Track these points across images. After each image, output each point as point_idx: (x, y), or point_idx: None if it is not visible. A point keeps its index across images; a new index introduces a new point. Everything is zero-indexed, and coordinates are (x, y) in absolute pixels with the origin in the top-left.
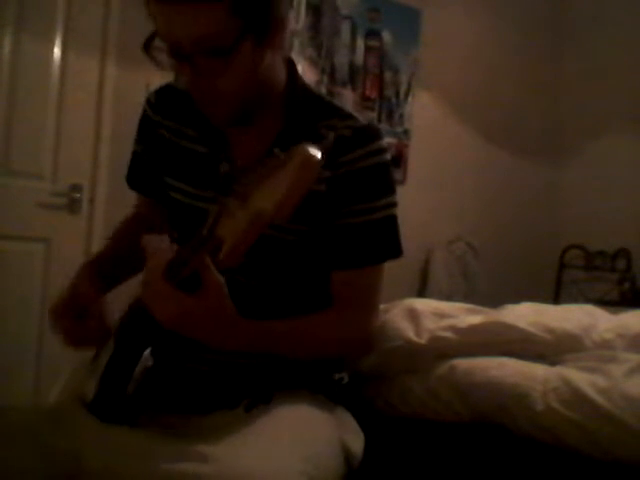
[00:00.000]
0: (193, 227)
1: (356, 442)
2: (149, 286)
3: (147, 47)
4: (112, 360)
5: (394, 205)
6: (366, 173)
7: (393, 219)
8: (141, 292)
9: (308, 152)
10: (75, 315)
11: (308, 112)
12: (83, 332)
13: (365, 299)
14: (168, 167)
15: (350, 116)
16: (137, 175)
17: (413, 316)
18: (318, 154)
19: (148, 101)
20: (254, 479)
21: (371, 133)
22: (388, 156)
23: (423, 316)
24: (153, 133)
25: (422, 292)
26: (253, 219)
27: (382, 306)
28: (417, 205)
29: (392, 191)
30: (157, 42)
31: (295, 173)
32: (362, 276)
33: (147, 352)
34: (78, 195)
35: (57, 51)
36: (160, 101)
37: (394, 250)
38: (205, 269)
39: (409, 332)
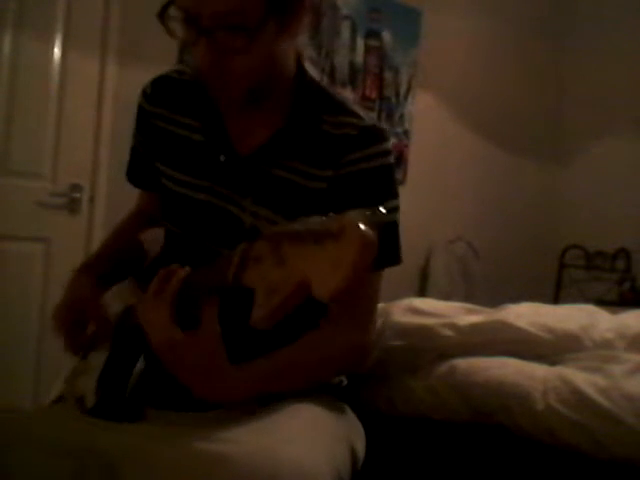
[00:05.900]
0: (186, 217)
1: (360, 443)
2: (152, 305)
3: (162, 15)
4: (109, 363)
5: (396, 210)
6: (369, 175)
7: (394, 225)
8: (141, 306)
9: (364, 233)
10: (75, 319)
11: (314, 105)
12: (82, 338)
13: (361, 310)
14: (162, 155)
15: (356, 114)
16: (137, 169)
17: (415, 313)
18: (373, 236)
19: (144, 92)
20: (283, 460)
21: (377, 134)
22: (392, 159)
23: (424, 314)
24: (148, 124)
25: (422, 292)
26: (295, 289)
27: (381, 305)
28: (417, 205)
29: (394, 195)
30: (172, 12)
31: (356, 256)
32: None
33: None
34: (78, 195)
35: (57, 51)
36: (156, 91)
37: (393, 257)
38: (208, 313)
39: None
